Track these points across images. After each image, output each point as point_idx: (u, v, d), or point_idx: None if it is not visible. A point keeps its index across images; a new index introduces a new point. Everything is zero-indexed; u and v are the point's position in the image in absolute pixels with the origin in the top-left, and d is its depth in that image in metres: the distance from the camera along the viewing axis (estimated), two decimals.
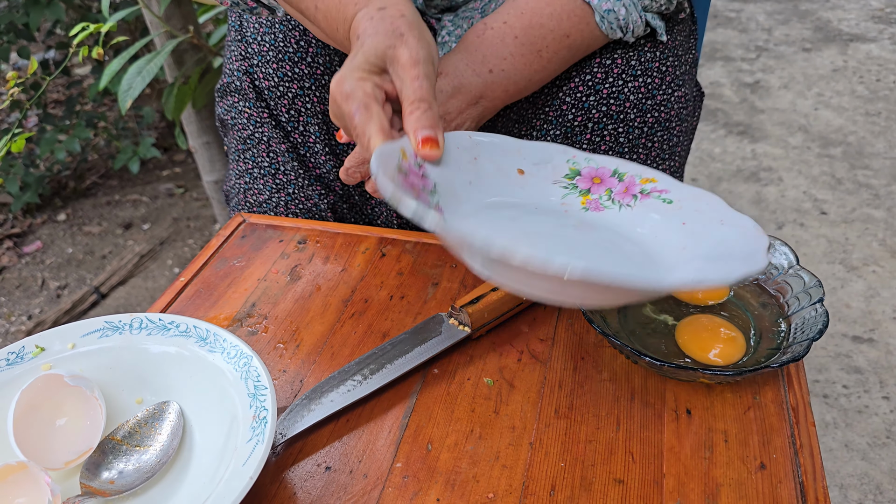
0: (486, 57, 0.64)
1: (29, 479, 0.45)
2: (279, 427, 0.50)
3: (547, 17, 0.65)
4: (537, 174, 0.58)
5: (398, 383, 0.55)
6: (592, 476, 0.47)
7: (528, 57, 0.65)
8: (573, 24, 0.65)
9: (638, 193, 0.56)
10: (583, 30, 0.66)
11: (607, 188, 0.58)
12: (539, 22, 0.65)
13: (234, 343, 0.51)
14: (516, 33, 0.64)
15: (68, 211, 2.06)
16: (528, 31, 0.65)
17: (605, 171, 0.58)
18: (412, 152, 0.51)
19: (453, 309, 0.59)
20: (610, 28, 0.66)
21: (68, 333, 0.53)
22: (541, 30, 0.65)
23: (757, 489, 0.46)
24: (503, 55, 0.65)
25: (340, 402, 0.52)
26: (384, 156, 0.47)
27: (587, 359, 0.57)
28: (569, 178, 0.59)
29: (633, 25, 0.67)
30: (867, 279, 1.63)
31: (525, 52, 0.65)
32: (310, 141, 0.77)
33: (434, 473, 0.48)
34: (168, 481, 0.48)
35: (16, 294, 1.79)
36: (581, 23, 0.65)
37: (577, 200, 0.58)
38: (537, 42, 0.65)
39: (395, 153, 0.49)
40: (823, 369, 1.42)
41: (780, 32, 2.84)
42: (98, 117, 2.04)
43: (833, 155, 2.07)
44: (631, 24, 0.66)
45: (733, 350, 0.54)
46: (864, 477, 1.22)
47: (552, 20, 0.65)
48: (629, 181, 0.57)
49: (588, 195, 0.58)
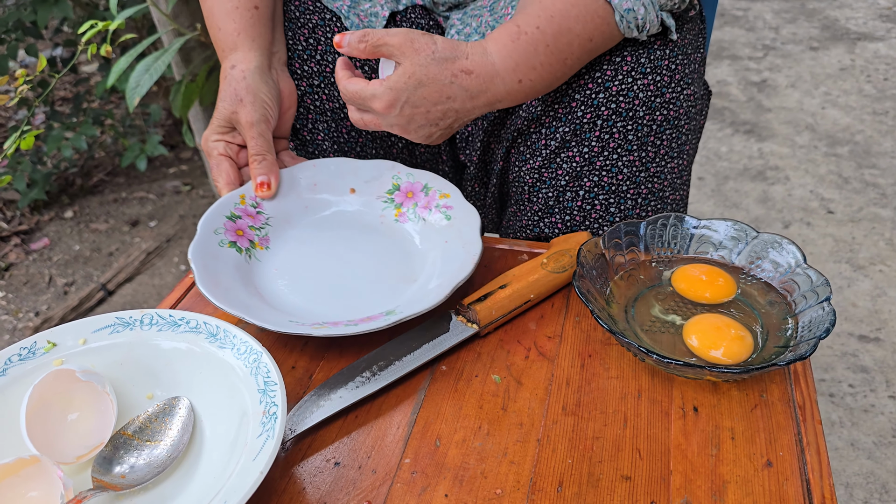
0: (518, 65, 0.63)
1: (42, 473, 0.45)
2: (288, 423, 0.50)
3: (574, 20, 0.64)
4: (366, 191, 0.71)
5: (407, 380, 0.56)
6: (600, 472, 0.48)
7: (555, 66, 0.65)
8: (596, 27, 0.65)
9: (433, 207, 0.68)
10: (604, 31, 0.65)
11: (414, 202, 0.70)
12: (567, 26, 0.64)
13: (244, 339, 0.51)
14: (548, 41, 0.63)
15: (75, 208, 2.07)
16: (558, 37, 0.64)
17: (418, 186, 0.70)
18: (251, 195, 0.68)
19: (461, 306, 0.60)
20: (628, 27, 0.66)
21: (80, 329, 0.54)
22: (569, 35, 0.64)
23: (763, 486, 0.46)
24: (533, 65, 0.64)
25: (349, 398, 0.53)
26: (207, 223, 0.64)
27: (594, 356, 0.57)
28: (389, 193, 0.71)
29: (649, 24, 0.66)
30: (874, 278, 1.62)
31: (553, 62, 0.65)
32: (318, 138, 0.78)
33: (442, 469, 0.48)
34: (179, 476, 0.48)
35: (23, 291, 1.80)
36: (603, 24, 0.65)
37: (391, 213, 0.70)
38: (564, 50, 0.64)
39: (230, 202, 0.66)
40: (829, 368, 1.41)
41: (788, 31, 2.83)
42: (105, 115, 2.05)
43: (840, 154, 2.07)
44: (648, 24, 0.66)
45: (741, 349, 0.54)
46: (869, 476, 1.22)
47: (579, 23, 0.64)
48: (432, 195, 0.69)
49: (400, 208, 0.70)
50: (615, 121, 0.70)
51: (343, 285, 0.63)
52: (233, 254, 0.64)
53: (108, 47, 1.03)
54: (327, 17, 0.75)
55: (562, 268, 0.63)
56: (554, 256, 0.64)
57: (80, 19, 1.90)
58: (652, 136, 0.71)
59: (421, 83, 0.61)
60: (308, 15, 0.75)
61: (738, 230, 0.62)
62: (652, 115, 0.70)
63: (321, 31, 0.74)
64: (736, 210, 1.83)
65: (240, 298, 0.58)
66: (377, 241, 0.68)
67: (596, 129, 0.71)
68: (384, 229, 0.69)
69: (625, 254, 0.63)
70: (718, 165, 2.05)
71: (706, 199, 1.89)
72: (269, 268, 0.65)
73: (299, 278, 0.64)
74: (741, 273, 0.61)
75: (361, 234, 0.69)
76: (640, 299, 0.60)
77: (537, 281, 0.61)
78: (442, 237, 0.66)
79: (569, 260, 0.64)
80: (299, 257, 0.66)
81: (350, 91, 0.64)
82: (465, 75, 0.62)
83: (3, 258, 1.90)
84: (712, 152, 2.11)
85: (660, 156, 0.72)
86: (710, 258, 0.63)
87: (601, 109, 0.70)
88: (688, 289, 0.59)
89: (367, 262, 0.66)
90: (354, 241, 0.68)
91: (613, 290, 0.60)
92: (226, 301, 0.56)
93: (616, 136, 0.71)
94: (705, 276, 0.60)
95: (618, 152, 0.72)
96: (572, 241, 0.66)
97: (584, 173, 0.73)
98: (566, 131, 0.72)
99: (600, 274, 0.60)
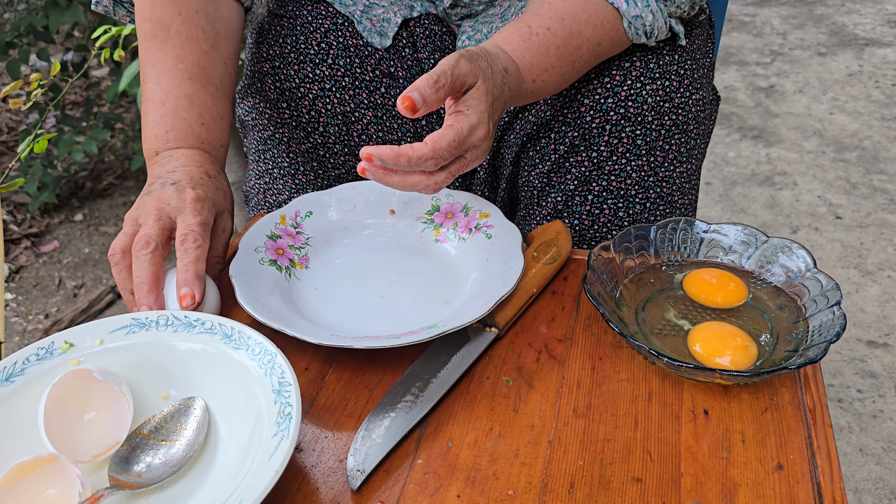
0: (532, 65, 0.63)
1: (59, 471, 0.46)
2: (357, 465, 0.49)
3: (584, 24, 0.64)
4: (406, 212, 0.72)
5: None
6: (611, 475, 0.48)
7: (564, 69, 0.65)
8: (605, 32, 0.65)
9: (473, 227, 0.69)
10: (613, 37, 0.66)
11: (454, 222, 0.70)
12: (578, 29, 0.64)
13: (258, 340, 0.52)
14: (559, 43, 0.63)
15: (85, 211, 2.08)
16: (569, 40, 0.64)
17: (458, 206, 0.70)
18: (291, 215, 0.69)
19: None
20: (636, 34, 0.66)
21: (97, 329, 0.54)
22: (579, 38, 0.64)
23: (774, 490, 0.47)
24: (545, 66, 0.64)
25: (404, 426, 0.51)
26: (248, 241, 0.66)
27: (605, 359, 0.57)
28: (429, 214, 0.71)
29: (658, 31, 0.67)
30: (882, 284, 1.62)
31: (563, 64, 0.64)
32: (329, 142, 0.78)
33: (454, 470, 0.49)
34: (194, 475, 0.49)
35: (33, 293, 1.81)
36: (612, 29, 0.65)
37: (431, 233, 0.70)
38: (574, 53, 0.64)
39: (271, 222, 0.68)
40: (838, 374, 1.41)
41: (795, 37, 2.83)
42: (115, 119, 2.06)
43: (848, 159, 2.07)
44: (656, 30, 0.67)
45: (743, 359, 0.54)
46: (878, 481, 1.22)
47: (588, 27, 0.64)
48: (472, 216, 0.69)
49: (440, 228, 0.70)
50: (624, 125, 0.71)
51: (383, 305, 0.63)
52: (273, 272, 0.64)
53: (120, 52, 1.04)
54: (339, 21, 0.75)
55: (552, 258, 0.64)
56: (542, 248, 0.65)
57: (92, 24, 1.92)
58: (661, 140, 0.72)
59: (494, 96, 0.58)
60: (320, 19, 0.75)
61: (748, 234, 0.63)
62: (661, 119, 0.71)
63: (333, 35, 0.75)
64: (744, 215, 1.83)
65: (280, 313, 0.59)
66: (417, 261, 0.68)
67: (605, 134, 0.71)
68: (424, 250, 0.69)
69: (635, 257, 0.63)
70: (726, 171, 2.05)
71: (714, 205, 1.89)
72: (309, 287, 0.65)
73: (339, 297, 0.64)
74: (751, 277, 0.61)
75: (401, 254, 0.69)
76: (651, 303, 0.60)
77: (535, 274, 0.63)
78: (483, 255, 0.66)
79: (556, 250, 0.65)
80: (339, 277, 0.66)
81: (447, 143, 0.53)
82: (505, 74, 0.60)
83: (14, 261, 1.91)
84: (720, 157, 2.11)
85: (668, 160, 0.73)
86: (719, 262, 0.63)
87: (610, 114, 0.71)
88: (699, 293, 0.60)
89: (407, 282, 0.66)
90: (394, 261, 0.68)
91: (623, 293, 0.61)
92: (267, 315, 0.57)
93: (625, 140, 0.71)
94: (716, 280, 0.60)
95: (626, 157, 0.72)
96: (551, 230, 0.67)
97: (593, 178, 0.73)
98: (575, 136, 0.72)
99: (610, 277, 0.61)
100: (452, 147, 0.54)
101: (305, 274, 0.67)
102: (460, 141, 0.54)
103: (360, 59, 0.75)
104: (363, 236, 0.71)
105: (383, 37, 0.76)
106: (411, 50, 0.77)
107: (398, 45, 0.76)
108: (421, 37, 0.76)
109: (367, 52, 0.76)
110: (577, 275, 0.66)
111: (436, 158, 0.53)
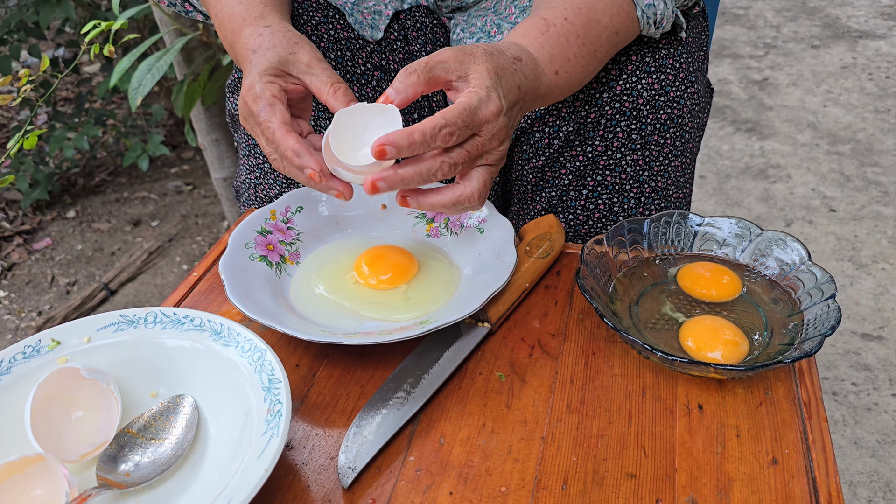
0: (553, 56, 0.60)
1: (46, 471, 0.45)
2: (348, 462, 0.48)
3: (601, 12, 0.62)
4: (397, 207, 0.70)
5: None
6: (605, 470, 0.48)
7: (587, 58, 0.63)
8: (622, 20, 0.64)
9: (466, 222, 0.68)
10: (628, 25, 0.64)
11: (447, 217, 0.70)
12: (595, 17, 0.62)
13: (248, 337, 0.51)
14: (578, 32, 0.61)
15: (78, 208, 2.07)
16: (588, 28, 0.62)
17: None
18: (282, 211, 0.68)
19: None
20: (647, 23, 0.65)
21: (84, 327, 0.54)
22: (597, 26, 0.62)
23: (769, 484, 0.46)
24: (567, 56, 0.61)
25: (395, 423, 0.51)
26: (238, 237, 0.65)
27: (598, 354, 0.57)
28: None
29: (666, 20, 0.66)
30: (876, 276, 1.62)
31: (585, 54, 0.62)
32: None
33: (447, 467, 0.48)
34: (183, 473, 0.48)
35: (25, 290, 1.80)
36: (627, 18, 0.64)
37: (423, 228, 0.70)
38: (594, 42, 0.62)
39: (261, 217, 0.67)
40: (832, 367, 1.41)
41: (789, 29, 2.83)
42: (107, 115, 2.05)
43: (842, 152, 2.07)
44: (665, 19, 0.66)
45: (734, 353, 0.53)
46: (873, 474, 1.22)
47: (606, 15, 0.63)
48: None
49: (432, 223, 0.70)
50: (619, 120, 0.70)
51: (374, 300, 0.63)
52: (263, 268, 0.64)
53: (110, 47, 1.03)
54: (330, 13, 0.75)
55: (545, 252, 0.64)
56: (534, 242, 0.65)
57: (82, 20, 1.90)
58: (655, 134, 0.71)
59: (499, 74, 0.54)
60: (311, 12, 0.74)
61: (742, 228, 0.62)
62: (656, 113, 0.70)
63: (324, 27, 0.74)
64: (738, 208, 1.83)
65: (270, 310, 0.58)
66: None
67: (600, 129, 0.71)
68: (416, 245, 0.69)
69: (628, 251, 0.63)
70: (720, 164, 2.05)
71: (707, 198, 1.89)
72: (299, 282, 0.65)
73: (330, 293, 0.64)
74: (745, 270, 0.61)
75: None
76: (645, 297, 0.60)
77: (528, 269, 0.63)
78: (475, 250, 0.65)
79: (549, 244, 0.65)
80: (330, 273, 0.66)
81: (457, 111, 0.51)
82: (518, 62, 0.57)
83: (6, 258, 1.90)
84: (714, 151, 2.11)
85: (663, 154, 0.72)
86: (713, 255, 0.63)
87: (605, 109, 0.70)
88: (693, 287, 0.59)
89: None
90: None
91: (617, 287, 0.60)
92: (257, 312, 0.56)
93: (620, 135, 0.71)
94: (710, 273, 0.60)
95: (621, 151, 0.71)
96: (543, 224, 0.67)
97: (588, 172, 0.73)
98: (570, 130, 0.72)
99: (604, 272, 0.60)
100: (464, 115, 0.51)
101: (296, 269, 0.66)
102: (471, 110, 0.51)
103: (352, 52, 0.75)
104: (354, 232, 0.70)
105: (375, 29, 0.75)
106: (403, 43, 0.76)
107: (389, 37, 0.76)
108: (412, 29, 0.75)
109: (359, 44, 0.75)
110: (570, 269, 0.66)
111: (449, 126, 0.51)
